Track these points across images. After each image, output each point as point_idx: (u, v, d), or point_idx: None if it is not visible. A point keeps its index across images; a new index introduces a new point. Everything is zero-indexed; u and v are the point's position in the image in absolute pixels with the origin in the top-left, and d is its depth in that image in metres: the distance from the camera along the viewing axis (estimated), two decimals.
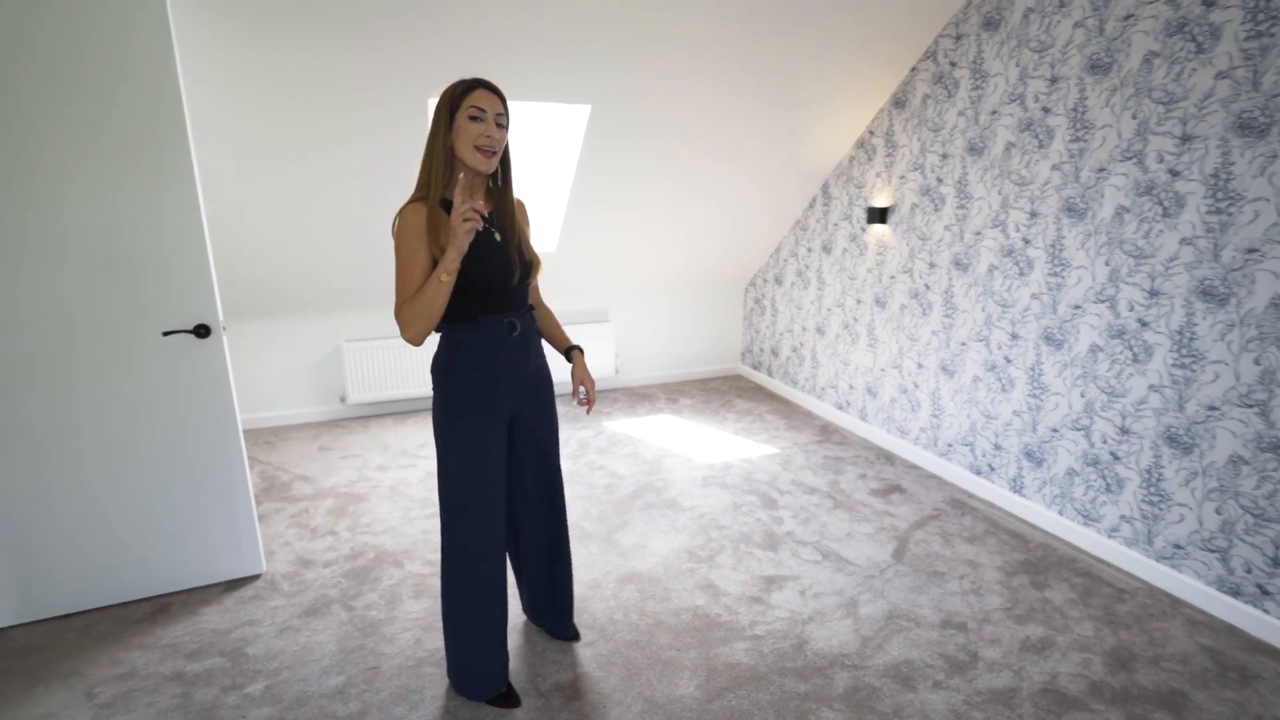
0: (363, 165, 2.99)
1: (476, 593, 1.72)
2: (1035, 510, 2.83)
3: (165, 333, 2.11)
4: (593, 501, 3.00)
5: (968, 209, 3.04)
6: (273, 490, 3.09)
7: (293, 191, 3.02)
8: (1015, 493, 2.94)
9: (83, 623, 2.16)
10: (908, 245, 3.41)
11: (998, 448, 3.00)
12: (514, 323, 1.65)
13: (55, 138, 1.88)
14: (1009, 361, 2.91)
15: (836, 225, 3.94)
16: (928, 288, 3.31)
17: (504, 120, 1.54)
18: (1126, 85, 2.35)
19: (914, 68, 3.26)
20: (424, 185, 1.55)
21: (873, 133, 3.59)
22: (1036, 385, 2.79)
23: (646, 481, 3.21)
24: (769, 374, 4.78)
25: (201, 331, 2.14)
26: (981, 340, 3.03)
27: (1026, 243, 2.77)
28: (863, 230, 3.72)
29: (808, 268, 4.23)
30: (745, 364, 5.09)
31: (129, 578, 2.24)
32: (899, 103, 3.38)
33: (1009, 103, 2.79)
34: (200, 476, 2.26)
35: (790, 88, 3.24)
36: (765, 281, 4.73)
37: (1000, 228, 2.89)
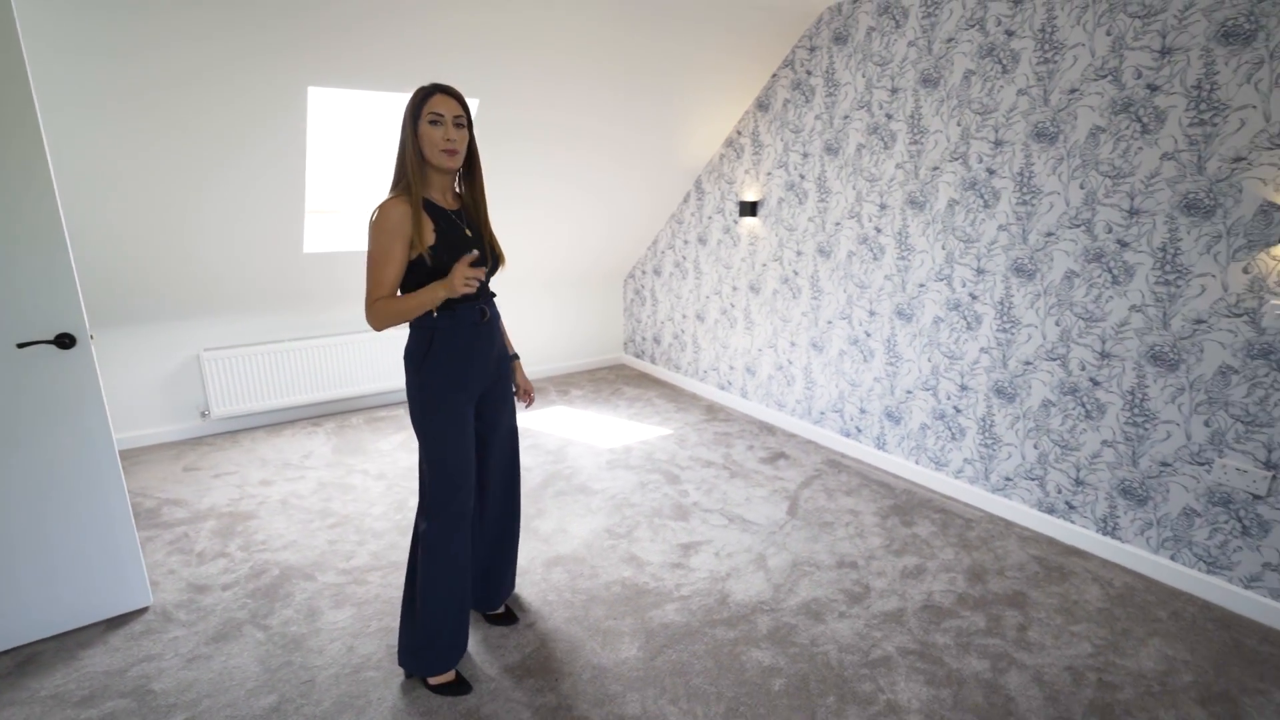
0: (228, 159, 2.76)
1: (457, 567, 1.79)
2: (898, 462, 3.28)
3: (20, 344, 1.85)
4: None
5: (828, 202, 3.42)
6: (140, 517, 2.77)
7: (146, 182, 2.73)
8: (880, 449, 3.37)
9: None
10: (777, 236, 3.76)
11: (863, 411, 3.43)
12: (484, 310, 1.78)
13: None
14: (869, 335, 3.33)
15: (711, 218, 4.23)
16: (796, 274, 3.67)
17: (462, 120, 1.66)
18: (951, 97, 2.80)
19: (775, 74, 3.60)
20: (400, 181, 1.66)
21: (740, 133, 3.90)
22: (892, 354, 3.23)
23: (554, 470, 3.28)
24: (652, 361, 5.01)
25: (65, 341, 1.91)
26: (845, 318, 3.44)
27: (878, 231, 3.19)
28: (735, 223, 4.04)
29: (685, 259, 4.50)
30: (628, 353, 5.28)
31: None
32: (762, 105, 3.71)
33: (858, 109, 3.19)
34: (69, 504, 2.00)
35: (663, 90, 3.44)
36: (644, 273, 4.95)
37: (856, 219, 3.29)
